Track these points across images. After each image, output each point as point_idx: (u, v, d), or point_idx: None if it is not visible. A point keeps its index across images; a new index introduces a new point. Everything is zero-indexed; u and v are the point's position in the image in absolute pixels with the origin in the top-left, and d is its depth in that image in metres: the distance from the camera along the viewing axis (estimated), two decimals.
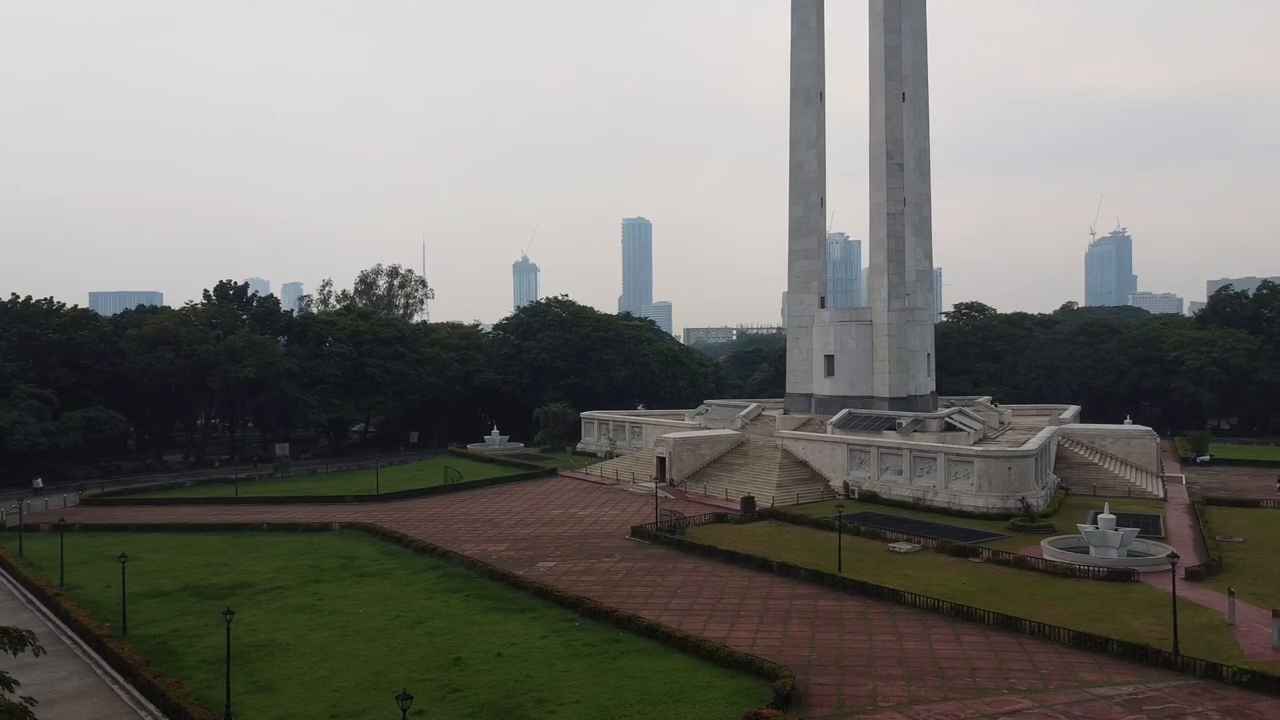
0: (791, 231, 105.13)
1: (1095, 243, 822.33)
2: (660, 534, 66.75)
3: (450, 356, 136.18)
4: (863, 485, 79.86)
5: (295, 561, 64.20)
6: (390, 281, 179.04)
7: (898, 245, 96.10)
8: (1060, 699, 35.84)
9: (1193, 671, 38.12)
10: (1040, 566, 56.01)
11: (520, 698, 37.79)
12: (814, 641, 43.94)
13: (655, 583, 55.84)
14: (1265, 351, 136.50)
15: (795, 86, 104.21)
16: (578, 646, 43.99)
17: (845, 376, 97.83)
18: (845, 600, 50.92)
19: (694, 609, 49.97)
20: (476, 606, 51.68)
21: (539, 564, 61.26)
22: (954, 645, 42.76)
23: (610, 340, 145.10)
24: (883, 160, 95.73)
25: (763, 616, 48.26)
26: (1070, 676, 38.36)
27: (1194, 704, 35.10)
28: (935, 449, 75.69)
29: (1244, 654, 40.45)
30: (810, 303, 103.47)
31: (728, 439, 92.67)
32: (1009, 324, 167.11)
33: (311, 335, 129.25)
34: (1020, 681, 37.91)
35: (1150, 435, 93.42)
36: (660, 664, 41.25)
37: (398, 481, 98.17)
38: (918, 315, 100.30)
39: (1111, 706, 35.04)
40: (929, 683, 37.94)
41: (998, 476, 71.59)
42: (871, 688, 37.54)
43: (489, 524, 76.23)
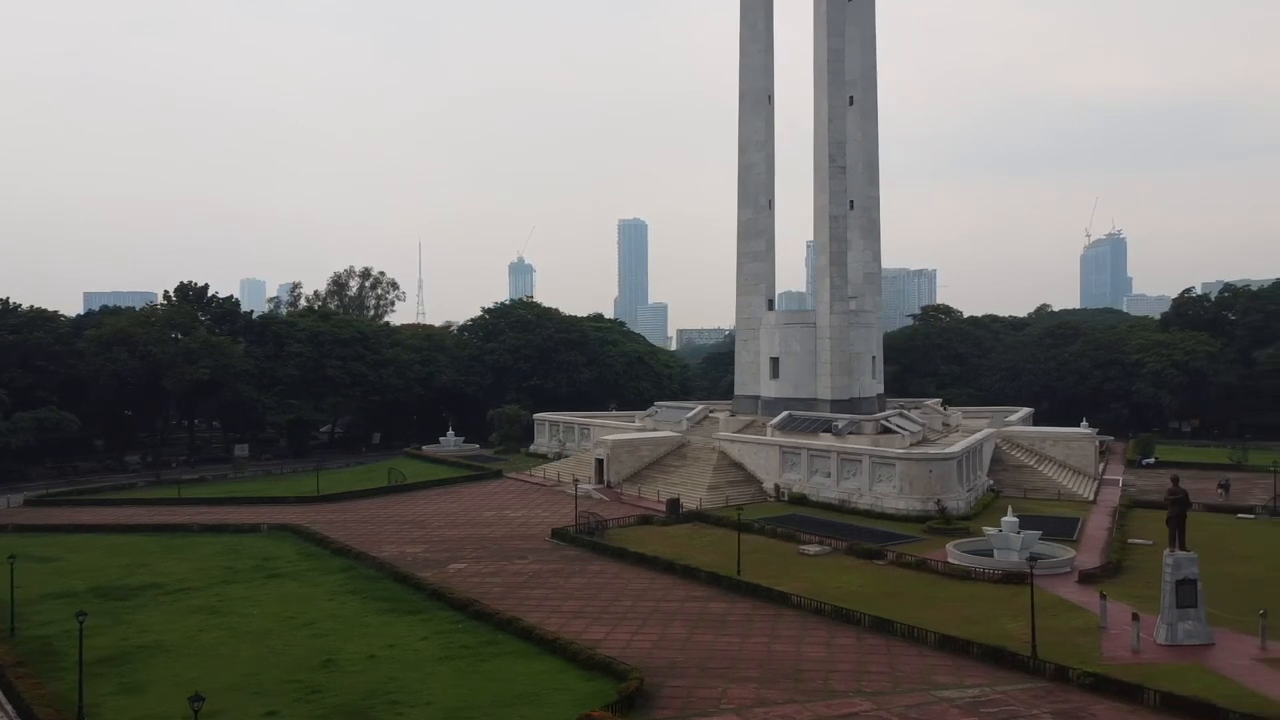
0: (740, 234, 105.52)
1: (1090, 244, 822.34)
2: (578, 536, 67.10)
3: (412, 358, 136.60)
4: (793, 487, 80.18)
5: (213, 563, 64.50)
6: (362, 283, 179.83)
7: (840, 248, 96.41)
8: (903, 701, 36.14)
9: (1043, 674, 38.41)
10: (940, 569, 56.32)
11: (376, 699, 38.10)
12: (688, 643, 44.24)
13: (558, 584, 56.17)
14: (1226, 354, 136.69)
15: (744, 89, 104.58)
16: (454, 648, 44.32)
17: (790, 379, 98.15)
18: (736, 603, 51.23)
19: (585, 611, 50.28)
20: (372, 608, 52.01)
21: (450, 565, 61.63)
22: (823, 648, 43.07)
23: (574, 342, 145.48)
24: (826, 163, 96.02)
25: (648, 618, 48.57)
26: (924, 679, 38.66)
27: (1032, 706, 35.40)
28: (861, 451, 75.99)
29: (1102, 656, 40.75)
30: (758, 305, 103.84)
31: (668, 441, 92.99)
32: (975, 326, 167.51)
33: (271, 336, 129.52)
34: (872, 684, 38.20)
35: (1090, 438, 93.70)
36: (528, 666, 41.58)
37: (344, 483, 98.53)
38: (864, 318, 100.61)
39: (950, 709, 35.34)
40: (781, 685, 38.24)
41: (919, 479, 71.88)
42: (722, 690, 37.84)
43: (418, 525, 76.57)
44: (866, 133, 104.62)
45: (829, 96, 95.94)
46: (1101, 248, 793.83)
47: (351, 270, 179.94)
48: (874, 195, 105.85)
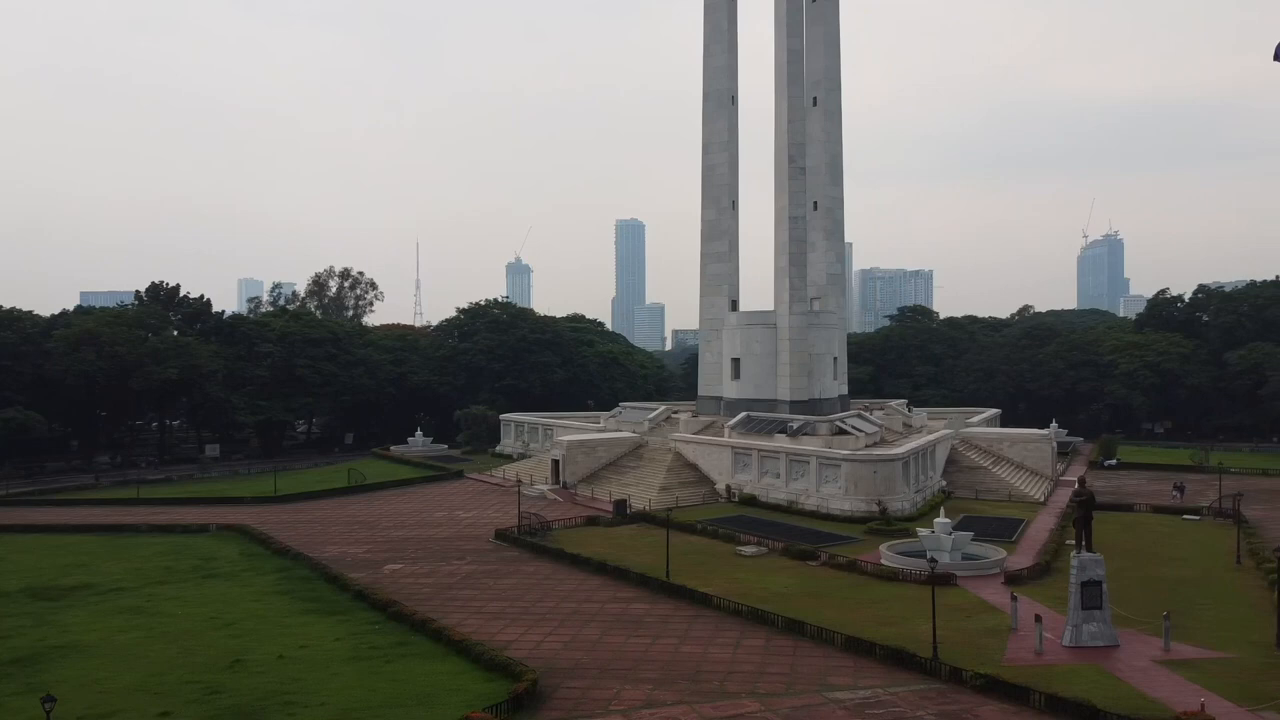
0: (704, 235, 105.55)
1: (1087, 245, 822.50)
2: (519, 537, 67.13)
3: (384, 358, 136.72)
4: (744, 488, 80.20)
5: (153, 563, 64.55)
6: (341, 283, 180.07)
7: (800, 249, 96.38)
8: (793, 702, 36.12)
9: (939, 675, 38.38)
10: (869, 570, 56.34)
11: (272, 700, 38.05)
12: (599, 645, 44.22)
13: (488, 585, 56.19)
14: (1198, 355, 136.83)
15: (708, 90, 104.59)
16: (365, 649, 44.29)
17: (751, 379, 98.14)
18: (659, 604, 51.22)
19: (506, 612, 50.27)
20: (296, 609, 52.02)
21: (387, 566, 61.66)
22: (730, 649, 43.05)
23: (548, 342, 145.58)
24: (786, 164, 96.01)
25: (567, 619, 48.55)
26: (820, 680, 38.64)
27: (919, 707, 35.38)
28: (808, 453, 76.00)
29: (1005, 658, 40.75)
30: (721, 306, 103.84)
31: (625, 441, 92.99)
32: (952, 328, 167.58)
33: (241, 336, 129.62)
34: (767, 685, 38.18)
35: (1046, 440, 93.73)
36: (433, 667, 41.55)
37: (305, 484, 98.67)
38: (825, 319, 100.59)
39: (837, 710, 35.33)
40: (677, 686, 38.22)
41: (863, 480, 71.87)
42: (617, 691, 37.82)
43: (367, 526, 76.61)
44: (830, 134, 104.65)
45: (789, 97, 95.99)
46: (1099, 249, 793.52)
47: (331, 270, 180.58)
48: (838, 196, 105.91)
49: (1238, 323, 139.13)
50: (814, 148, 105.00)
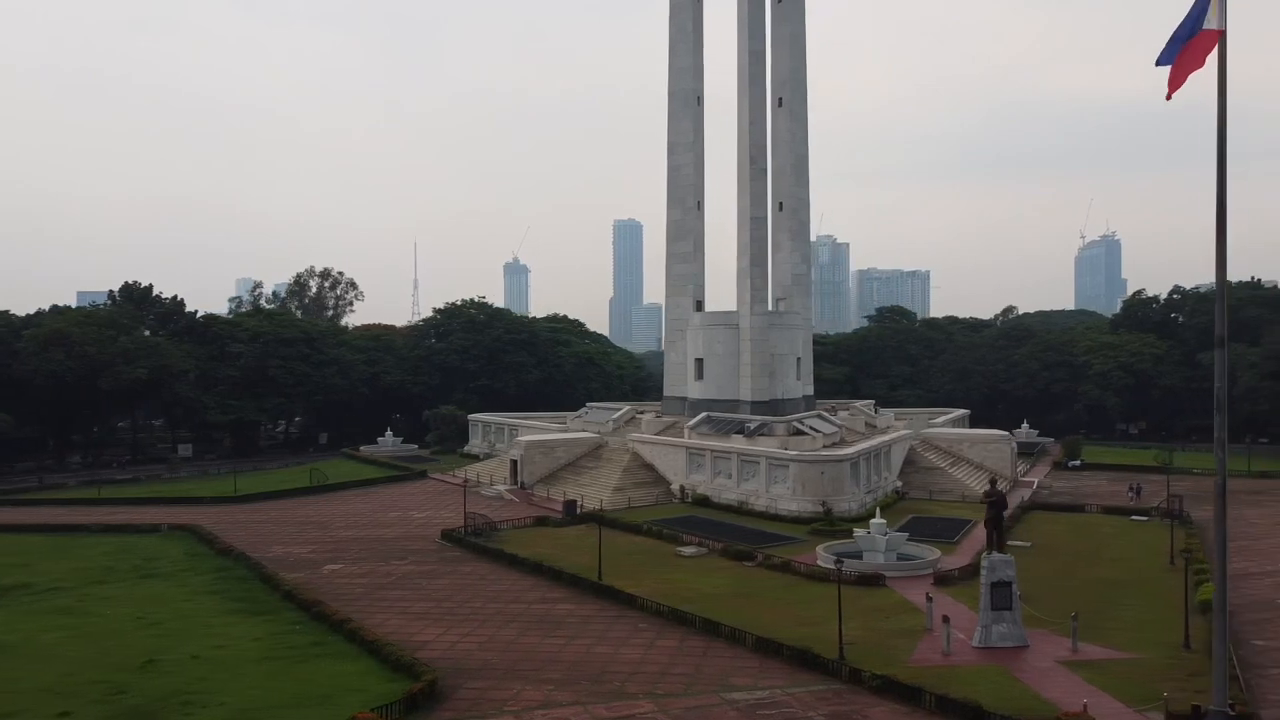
0: (669, 235, 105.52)
1: (1085, 246, 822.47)
2: (464, 538, 67.16)
3: (357, 358, 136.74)
4: (698, 489, 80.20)
5: (96, 563, 64.53)
6: (321, 283, 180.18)
7: (760, 250, 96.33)
8: (688, 703, 36.10)
9: (840, 676, 38.37)
10: (802, 571, 56.34)
11: (173, 700, 38.01)
12: (514, 645, 44.20)
13: (421, 586, 56.20)
14: (1171, 356, 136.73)
15: (673, 89, 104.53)
16: (280, 649, 44.27)
17: (714, 380, 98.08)
18: (585, 605, 51.23)
19: (431, 612, 50.26)
20: (225, 609, 52.01)
21: (326, 567, 61.69)
22: (642, 650, 43.02)
23: (523, 342, 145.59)
24: (747, 165, 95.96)
25: (490, 620, 48.52)
26: (722, 680, 38.62)
27: (811, 708, 35.36)
28: (758, 454, 75.99)
29: (911, 659, 40.74)
30: (686, 306, 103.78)
31: (585, 442, 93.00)
32: (930, 328, 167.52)
33: (213, 336, 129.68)
34: (669, 685, 38.16)
35: (1005, 440, 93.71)
36: (342, 667, 41.52)
37: (267, 483, 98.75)
38: (788, 319, 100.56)
39: (729, 710, 35.30)
40: (579, 686, 38.20)
41: (811, 481, 71.86)
42: (517, 691, 37.80)
43: (320, 526, 76.64)
44: (795, 134, 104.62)
45: (750, 98, 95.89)
46: (1096, 249, 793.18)
47: (312, 270, 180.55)
48: (803, 197, 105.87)
49: (1211, 323, 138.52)
50: (779, 148, 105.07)
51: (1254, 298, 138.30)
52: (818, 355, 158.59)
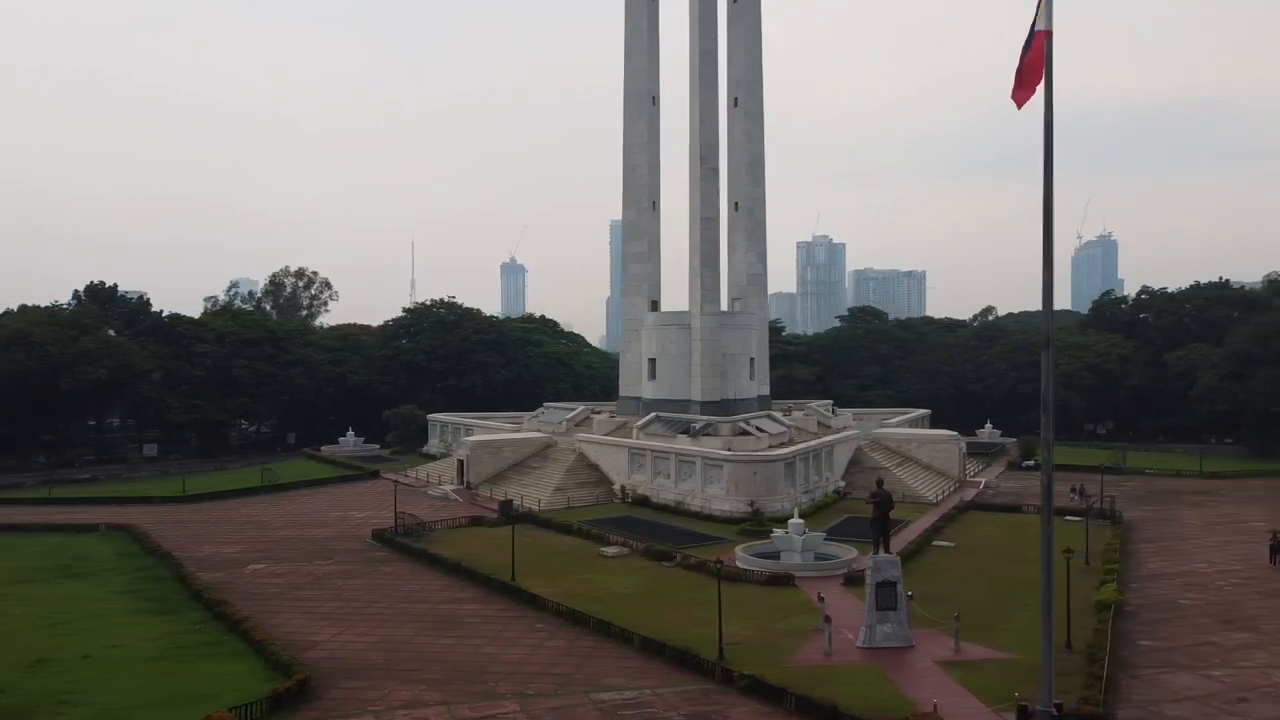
0: (625, 235, 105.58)
1: (1082, 246, 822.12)
2: (392, 538, 67.22)
3: (323, 358, 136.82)
4: (638, 489, 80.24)
5: (23, 563, 64.40)
6: (296, 283, 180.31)
7: (712, 250, 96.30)
8: (554, 703, 36.13)
9: (715, 676, 38.41)
10: (710, 571, 56.23)
11: (48, 700, 37.99)
12: (405, 645, 44.24)
13: (336, 586, 56.23)
14: (1139, 357, 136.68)
15: (628, 90, 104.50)
16: (173, 649, 44.30)
17: (666, 380, 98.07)
18: (491, 604, 51.28)
19: (337, 613, 50.28)
20: (134, 608, 52.05)
21: (249, 566, 61.76)
22: (529, 650, 43.06)
23: (491, 342, 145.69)
24: (698, 165, 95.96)
25: (391, 620, 48.56)
26: (597, 681, 38.64)
27: (674, 708, 35.39)
28: (694, 454, 76.01)
29: (793, 659, 40.76)
30: (641, 306, 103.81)
31: (533, 442, 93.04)
32: (902, 329, 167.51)
33: (177, 336, 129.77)
34: (542, 686, 38.18)
35: (954, 441, 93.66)
36: (229, 667, 41.55)
37: (219, 483, 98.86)
38: (741, 319, 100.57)
39: (592, 711, 35.35)
40: (452, 686, 38.23)
41: (744, 481, 71.86)
42: (389, 691, 37.83)
43: (258, 526, 76.69)
44: (751, 134, 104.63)
45: (700, 99, 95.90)
46: (1092, 250, 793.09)
47: (287, 270, 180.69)
48: (759, 197, 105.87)
49: (1179, 323, 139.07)
50: (735, 149, 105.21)
51: (1220, 298, 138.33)
52: (790, 355, 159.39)
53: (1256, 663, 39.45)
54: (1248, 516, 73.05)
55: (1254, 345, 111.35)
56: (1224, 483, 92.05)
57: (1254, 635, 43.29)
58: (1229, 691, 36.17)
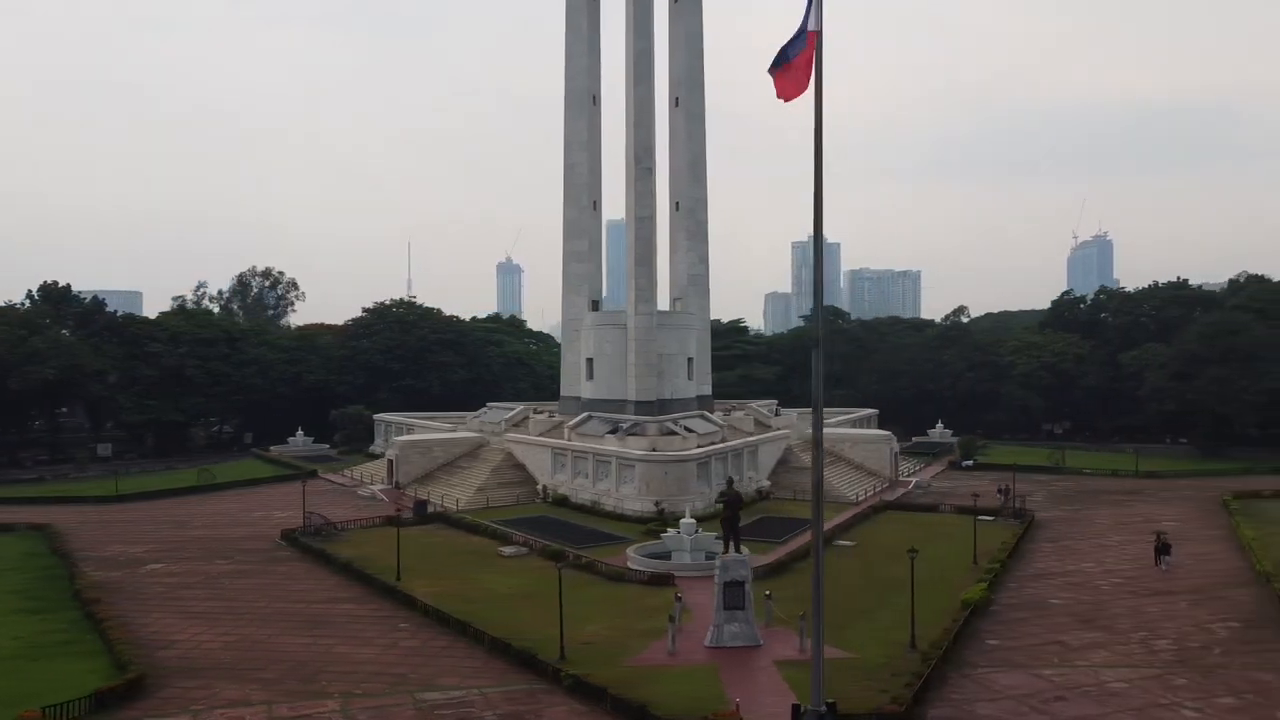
0: (565, 234, 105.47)
1: (1077, 246, 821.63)
2: (298, 538, 67.31)
3: (278, 357, 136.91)
4: (559, 489, 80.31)
5: None
6: (263, 283, 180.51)
7: (646, 250, 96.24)
8: (376, 703, 36.16)
9: (547, 676, 38.46)
10: (602, 571, 56.42)
11: None
12: (261, 644, 44.31)
13: (225, 585, 56.30)
14: (1095, 356, 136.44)
15: (569, 88, 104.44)
16: (32, 648, 44.26)
17: (604, 380, 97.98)
18: (367, 605, 51.34)
19: (211, 612, 50.32)
20: (15, 607, 51.84)
21: (149, 566, 61.82)
22: (381, 650, 43.08)
23: (450, 342, 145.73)
24: (633, 164, 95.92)
25: (261, 619, 48.59)
26: (431, 681, 38.68)
27: (490, 709, 35.43)
28: (610, 453, 76.07)
29: (634, 659, 40.80)
30: (582, 306, 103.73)
31: (464, 442, 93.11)
32: (865, 329, 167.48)
33: (131, 336, 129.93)
34: (374, 686, 38.20)
35: (886, 440, 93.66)
36: (77, 666, 41.51)
37: (155, 483, 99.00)
38: (679, 319, 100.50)
39: (408, 710, 35.42)
40: (285, 686, 38.24)
41: (655, 481, 71.90)
42: (219, 690, 37.87)
43: (177, 526, 76.72)
44: (692, 134, 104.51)
45: (636, 97, 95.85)
46: (1088, 250, 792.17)
47: (254, 270, 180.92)
48: (700, 197, 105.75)
49: (1136, 323, 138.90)
50: (676, 148, 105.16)
51: (1176, 298, 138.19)
52: (750, 355, 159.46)
53: (1093, 662, 39.41)
54: (1161, 516, 72.89)
55: (1200, 345, 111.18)
56: (1157, 483, 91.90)
57: (1105, 635, 43.24)
58: (1050, 690, 36.15)
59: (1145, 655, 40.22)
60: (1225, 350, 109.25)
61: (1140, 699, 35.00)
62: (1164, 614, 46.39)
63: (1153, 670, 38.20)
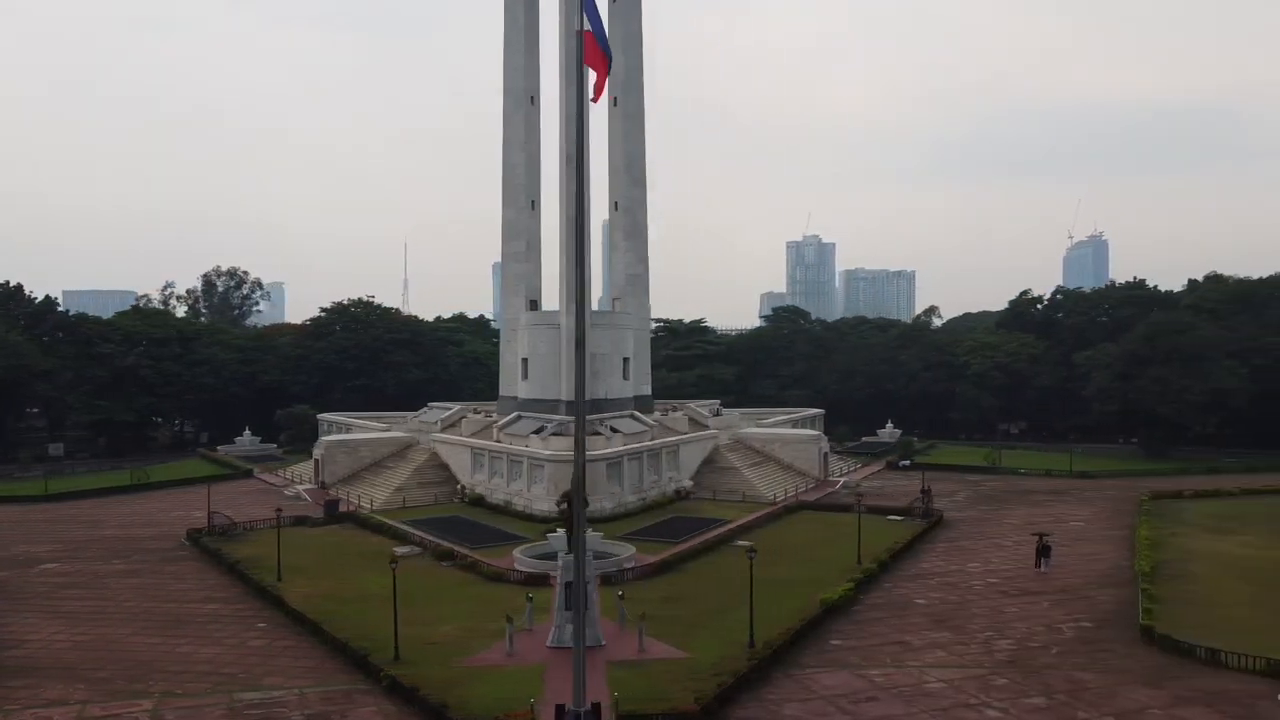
0: (504, 234, 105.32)
1: (1073, 246, 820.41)
2: (200, 538, 67.23)
3: (232, 357, 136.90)
4: (476, 489, 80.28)
5: None
6: (228, 283, 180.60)
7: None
8: (192, 703, 36.09)
9: (374, 676, 38.34)
10: (484, 571, 56.37)
11: None
12: (114, 644, 44.27)
13: (108, 585, 56.34)
14: (1049, 356, 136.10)
15: (507, 88, 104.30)
16: None
17: (538, 380, 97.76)
18: (239, 605, 51.30)
19: (80, 611, 50.36)
20: None
21: (42, 566, 61.97)
22: (224, 649, 43.02)
23: (405, 342, 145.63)
24: (564, 164, 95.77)
25: (126, 618, 48.59)
26: (256, 681, 38.61)
27: (299, 709, 35.35)
28: (521, 453, 75.97)
29: (469, 659, 40.68)
30: (520, 306, 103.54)
31: (392, 441, 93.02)
32: (826, 329, 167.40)
33: (83, 336, 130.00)
34: (198, 685, 38.11)
35: (814, 440, 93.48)
36: None
37: (88, 483, 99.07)
38: (615, 319, 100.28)
39: (219, 710, 35.32)
40: (112, 686, 38.18)
41: (562, 481, 71.54)
42: (42, 691, 37.82)
43: (91, 525, 76.79)
44: (630, 134, 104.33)
45: (568, 96, 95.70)
46: (1083, 249, 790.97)
47: (219, 269, 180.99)
48: (639, 197, 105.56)
49: (1091, 323, 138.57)
50: (614, 148, 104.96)
51: (1130, 298, 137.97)
52: (710, 355, 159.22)
53: (924, 662, 39.26)
54: (1073, 517, 72.76)
55: (1143, 345, 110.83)
56: (1087, 483, 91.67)
57: (952, 635, 43.07)
58: (867, 690, 36.01)
59: (980, 655, 40.05)
60: (1169, 350, 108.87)
61: (950, 699, 34.86)
62: (1021, 614, 46.21)
63: (979, 670, 38.03)
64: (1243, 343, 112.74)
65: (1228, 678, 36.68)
